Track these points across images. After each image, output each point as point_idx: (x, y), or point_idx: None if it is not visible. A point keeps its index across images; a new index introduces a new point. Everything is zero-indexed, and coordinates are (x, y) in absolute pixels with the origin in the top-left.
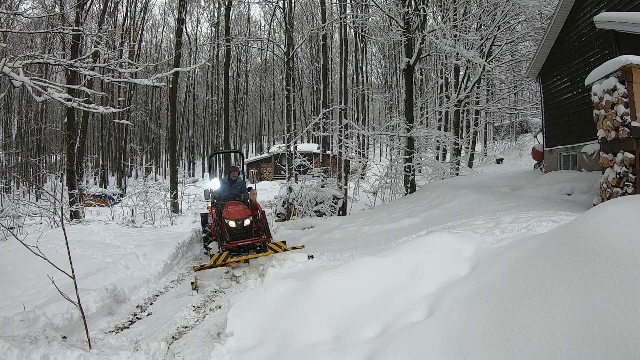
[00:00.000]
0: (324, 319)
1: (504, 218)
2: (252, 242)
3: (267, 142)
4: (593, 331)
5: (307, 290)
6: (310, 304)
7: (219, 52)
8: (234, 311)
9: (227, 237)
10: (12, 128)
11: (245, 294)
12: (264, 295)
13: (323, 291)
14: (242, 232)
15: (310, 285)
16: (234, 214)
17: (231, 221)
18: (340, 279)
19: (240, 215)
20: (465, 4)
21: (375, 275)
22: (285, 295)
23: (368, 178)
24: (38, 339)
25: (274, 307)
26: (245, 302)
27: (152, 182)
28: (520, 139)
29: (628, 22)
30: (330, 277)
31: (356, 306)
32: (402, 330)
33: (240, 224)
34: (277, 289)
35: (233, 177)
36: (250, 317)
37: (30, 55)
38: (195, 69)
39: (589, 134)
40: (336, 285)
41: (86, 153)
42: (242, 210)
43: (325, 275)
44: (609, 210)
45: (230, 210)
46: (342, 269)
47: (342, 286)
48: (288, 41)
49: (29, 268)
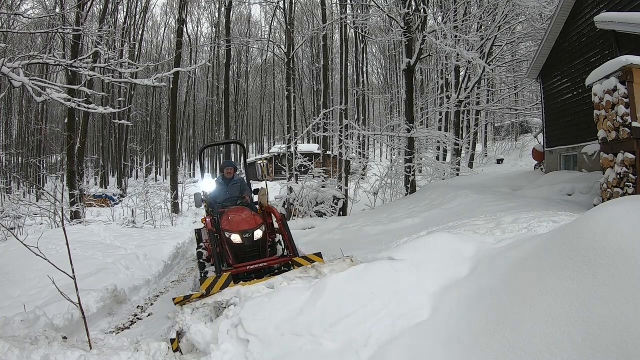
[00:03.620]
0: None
1: (504, 218)
2: (267, 263)
3: (267, 142)
4: (593, 331)
5: (316, 296)
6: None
7: (219, 52)
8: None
9: (229, 259)
10: (12, 128)
11: (251, 302)
12: (269, 303)
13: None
14: (250, 250)
15: (320, 290)
16: (237, 224)
17: (234, 234)
18: (351, 282)
19: (248, 225)
20: (465, 4)
21: (385, 277)
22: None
23: (368, 178)
24: (38, 339)
25: (281, 316)
26: (251, 312)
27: (152, 182)
28: (520, 139)
29: (628, 22)
30: (340, 279)
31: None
32: (403, 330)
33: (248, 237)
34: (284, 294)
35: (227, 174)
36: (256, 327)
37: (29, 55)
38: (195, 68)
39: (589, 134)
40: (346, 290)
41: (86, 153)
42: (248, 218)
43: (335, 278)
44: (609, 210)
45: (232, 218)
46: (352, 272)
47: (351, 291)
48: (288, 41)
49: (29, 268)
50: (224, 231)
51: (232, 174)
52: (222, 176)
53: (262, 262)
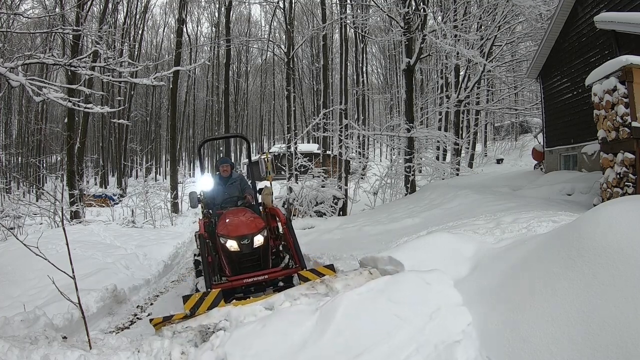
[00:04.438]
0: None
1: (504, 218)
2: (268, 275)
3: (267, 142)
4: (593, 331)
5: (325, 323)
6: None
7: (219, 52)
8: None
9: (226, 269)
10: (12, 128)
11: (242, 332)
12: (264, 334)
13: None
14: (250, 259)
15: (330, 315)
16: (234, 228)
17: (230, 240)
18: (370, 302)
19: (247, 229)
20: (465, 4)
21: (415, 294)
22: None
23: (368, 178)
24: (38, 339)
25: (278, 351)
26: (240, 347)
27: (152, 182)
28: (520, 139)
29: (628, 22)
30: (356, 299)
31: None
32: None
33: (247, 244)
34: (284, 320)
35: (223, 172)
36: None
37: (28, 55)
38: (195, 68)
39: (589, 134)
40: (364, 313)
41: (86, 153)
42: (248, 221)
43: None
44: (609, 210)
45: (229, 221)
46: (372, 287)
47: (372, 314)
48: (288, 41)
49: (29, 268)
50: (220, 236)
51: (229, 172)
52: (219, 175)
53: (262, 274)
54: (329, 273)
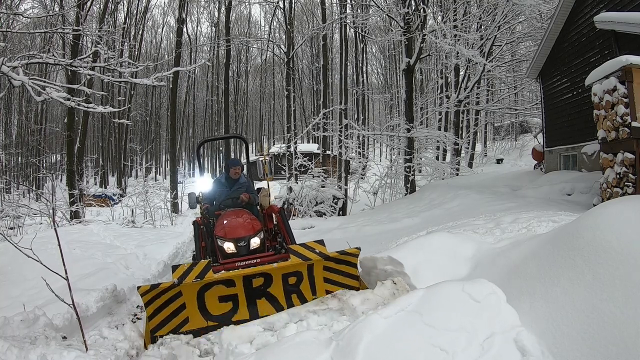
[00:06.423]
0: None
1: (504, 218)
2: (260, 259)
3: (267, 142)
4: (593, 331)
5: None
6: None
7: (219, 52)
8: None
9: (219, 259)
10: (12, 128)
11: None
12: None
13: None
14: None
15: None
16: (232, 230)
17: (227, 242)
18: (403, 329)
19: (244, 231)
20: (465, 4)
21: (460, 314)
22: None
23: (368, 178)
24: (37, 338)
25: None
26: None
27: (152, 182)
28: (520, 139)
29: (628, 22)
30: (382, 325)
31: None
32: None
33: (244, 246)
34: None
35: (234, 174)
36: None
37: (29, 55)
38: (195, 68)
39: (589, 134)
40: (396, 346)
41: (86, 153)
42: (245, 223)
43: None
44: (609, 210)
45: (227, 223)
46: (404, 307)
47: (406, 346)
48: (288, 41)
49: (29, 268)
50: (217, 238)
51: (240, 174)
52: (226, 176)
53: (255, 257)
54: (320, 248)
